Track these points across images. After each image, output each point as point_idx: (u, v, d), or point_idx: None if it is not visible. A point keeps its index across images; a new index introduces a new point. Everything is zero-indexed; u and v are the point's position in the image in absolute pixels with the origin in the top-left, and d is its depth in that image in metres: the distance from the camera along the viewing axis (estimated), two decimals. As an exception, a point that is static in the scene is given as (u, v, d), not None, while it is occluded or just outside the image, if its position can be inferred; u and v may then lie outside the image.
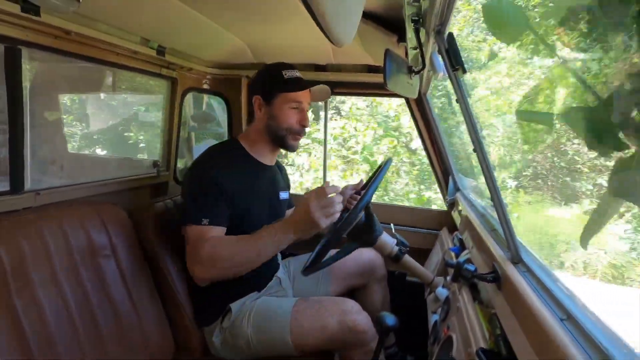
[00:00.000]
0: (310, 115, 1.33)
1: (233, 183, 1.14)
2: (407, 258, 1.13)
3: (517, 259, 0.72)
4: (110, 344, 1.06)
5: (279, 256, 1.42)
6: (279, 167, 1.47)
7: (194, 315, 1.24)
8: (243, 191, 1.17)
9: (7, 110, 1.04)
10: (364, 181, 1.35)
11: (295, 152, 1.34)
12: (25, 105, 1.08)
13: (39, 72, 1.19)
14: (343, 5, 0.40)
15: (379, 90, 1.63)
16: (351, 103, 5.51)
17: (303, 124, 1.24)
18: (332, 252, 1.08)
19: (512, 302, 0.65)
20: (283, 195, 1.39)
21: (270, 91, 1.22)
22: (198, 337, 1.24)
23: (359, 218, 1.06)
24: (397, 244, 1.12)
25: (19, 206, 1.08)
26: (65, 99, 1.72)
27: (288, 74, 1.22)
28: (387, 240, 1.11)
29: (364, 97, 5.23)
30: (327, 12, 0.35)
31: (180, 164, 1.86)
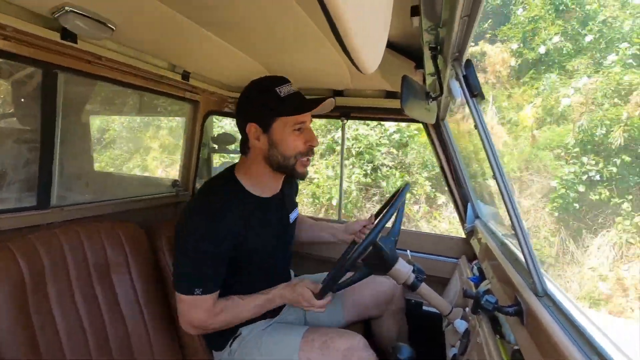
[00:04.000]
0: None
1: (234, 236, 1.04)
2: (424, 286, 1.09)
3: (541, 292, 0.68)
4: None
5: (292, 274, 1.39)
6: (287, 179, 1.27)
7: (205, 338, 1.22)
8: (245, 236, 1.07)
9: (40, 130, 1.10)
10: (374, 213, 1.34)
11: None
12: (57, 124, 1.14)
13: (72, 93, 1.26)
14: (370, 36, 0.41)
15: (397, 115, 1.64)
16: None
17: (311, 144, 1.08)
18: (347, 274, 1.06)
19: (536, 337, 0.61)
20: (294, 215, 1.30)
21: (268, 116, 1.03)
22: (207, 357, 1.22)
23: (367, 252, 1.04)
24: (413, 271, 1.08)
25: (44, 221, 1.12)
26: (95, 120, 1.81)
27: (283, 90, 1.03)
28: (403, 267, 1.08)
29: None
30: (354, 38, 0.35)
31: (199, 184, 1.90)
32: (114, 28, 0.93)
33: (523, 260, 0.72)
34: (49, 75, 1.07)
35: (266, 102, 1.03)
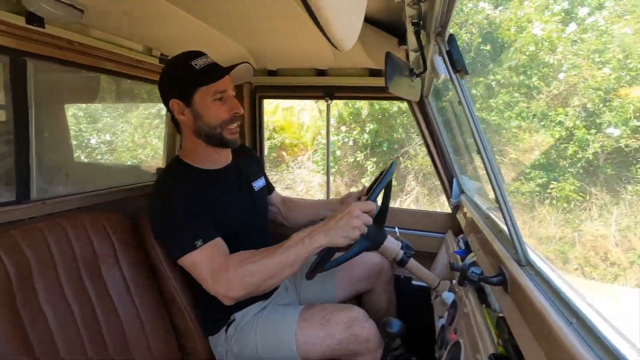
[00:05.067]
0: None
1: (196, 210, 1.03)
2: (413, 262, 1.12)
3: (524, 261, 0.71)
4: (115, 353, 1.06)
5: None
6: (244, 152, 1.34)
7: (201, 324, 1.24)
8: (211, 209, 1.07)
9: (13, 121, 1.06)
10: (366, 186, 1.34)
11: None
12: (30, 115, 1.09)
13: (44, 82, 1.21)
14: (345, 9, 0.40)
15: (382, 93, 1.63)
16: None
17: (235, 111, 1.10)
18: (336, 254, 1.07)
19: (520, 305, 0.64)
20: (258, 184, 1.30)
21: (186, 89, 1.05)
22: (204, 343, 1.24)
23: None
24: (402, 248, 1.11)
25: (25, 215, 1.09)
26: (71, 108, 1.74)
27: (199, 62, 1.05)
28: (392, 244, 1.10)
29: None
30: (329, 16, 0.35)
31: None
32: (84, 10, 0.88)
33: (507, 231, 0.74)
34: (17, 63, 1.02)
35: (183, 75, 1.05)
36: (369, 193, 1.28)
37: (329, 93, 1.70)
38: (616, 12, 5.06)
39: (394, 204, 5.36)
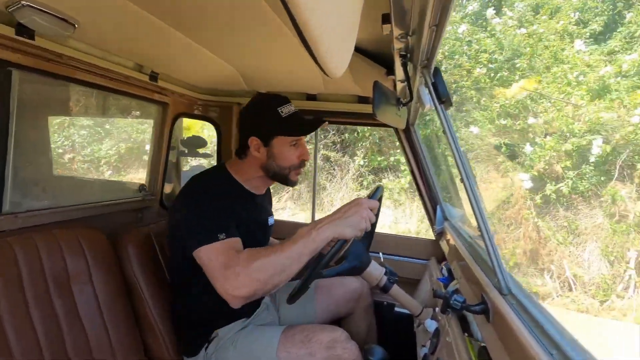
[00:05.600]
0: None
1: (227, 211, 1.07)
2: (396, 288, 1.11)
3: (506, 290, 0.71)
4: (81, 379, 0.99)
5: None
6: (266, 191, 1.42)
7: (177, 345, 1.18)
8: (236, 221, 1.09)
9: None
10: None
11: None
12: (10, 126, 1.06)
13: (28, 93, 1.19)
14: (336, 38, 0.41)
15: (369, 120, 1.67)
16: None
17: (304, 158, 1.19)
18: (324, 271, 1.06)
19: (501, 333, 0.64)
20: (271, 221, 1.37)
21: (269, 133, 1.14)
22: (178, 370, 1.18)
23: (342, 253, 1.05)
24: (386, 274, 1.10)
25: (-5, 229, 1.04)
26: (55, 121, 1.70)
27: (284, 110, 1.14)
28: (376, 269, 1.09)
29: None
30: (320, 44, 0.36)
31: (167, 189, 1.83)
32: (76, 25, 0.88)
33: (489, 261, 0.75)
34: (2, 73, 1.00)
35: (269, 120, 1.13)
36: None
37: (318, 117, 1.73)
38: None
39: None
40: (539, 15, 5.91)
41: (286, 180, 1.20)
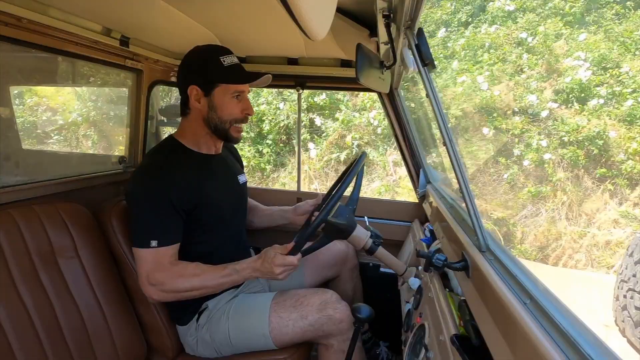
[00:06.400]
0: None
1: (183, 188, 1.07)
2: (381, 250, 1.15)
3: (484, 247, 0.75)
4: (77, 351, 1.01)
5: (252, 252, 1.41)
6: (229, 150, 1.41)
7: (169, 314, 1.21)
8: (197, 191, 1.11)
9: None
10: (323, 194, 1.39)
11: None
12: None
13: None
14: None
15: (352, 84, 1.64)
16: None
17: (247, 112, 1.17)
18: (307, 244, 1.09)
19: (479, 288, 0.68)
20: (242, 178, 1.35)
21: (210, 81, 1.11)
22: (171, 336, 1.21)
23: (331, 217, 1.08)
24: (371, 237, 1.14)
25: (-31, 207, 1.01)
26: (16, 91, 1.60)
27: (227, 60, 1.11)
28: (361, 233, 1.13)
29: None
30: (302, 5, 0.34)
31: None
32: (34, -16, 0.81)
33: (469, 220, 0.78)
34: (-45, 40, 0.92)
35: (210, 68, 1.10)
36: (330, 193, 1.31)
37: (300, 82, 1.69)
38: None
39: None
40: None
41: (227, 135, 1.17)
